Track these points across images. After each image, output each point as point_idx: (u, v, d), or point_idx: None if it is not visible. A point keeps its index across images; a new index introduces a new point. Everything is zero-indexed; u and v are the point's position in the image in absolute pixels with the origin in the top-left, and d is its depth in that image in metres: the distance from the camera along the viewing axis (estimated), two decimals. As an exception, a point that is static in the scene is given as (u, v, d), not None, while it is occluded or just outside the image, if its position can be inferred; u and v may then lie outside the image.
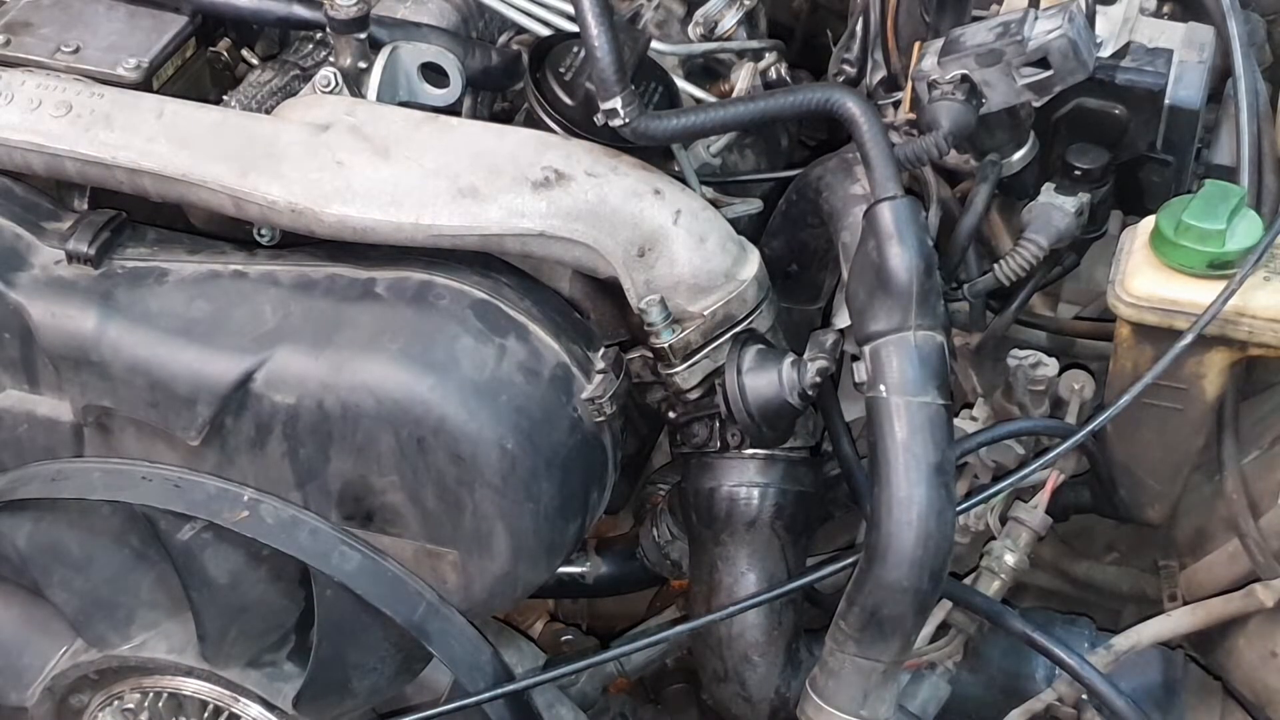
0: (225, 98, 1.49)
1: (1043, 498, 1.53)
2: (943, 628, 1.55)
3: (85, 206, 1.45)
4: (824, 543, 1.62)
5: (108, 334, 1.35)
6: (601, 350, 1.38)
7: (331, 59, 1.45)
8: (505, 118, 1.52)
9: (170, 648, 1.48)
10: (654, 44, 1.55)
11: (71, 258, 1.38)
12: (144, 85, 1.43)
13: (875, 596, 1.28)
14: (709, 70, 1.68)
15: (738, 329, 1.37)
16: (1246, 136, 1.47)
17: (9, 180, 1.43)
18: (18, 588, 1.53)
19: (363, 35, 1.42)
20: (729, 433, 1.44)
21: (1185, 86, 1.48)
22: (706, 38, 1.68)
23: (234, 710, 1.49)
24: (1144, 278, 1.36)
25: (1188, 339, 1.31)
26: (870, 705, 1.35)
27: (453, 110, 1.46)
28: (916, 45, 1.48)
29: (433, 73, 1.47)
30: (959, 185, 1.56)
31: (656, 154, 1.42)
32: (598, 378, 1.36)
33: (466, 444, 1.30)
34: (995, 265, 1.48)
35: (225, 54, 1.54)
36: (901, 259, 1.26)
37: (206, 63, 1.53)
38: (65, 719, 1.58)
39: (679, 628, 1.56)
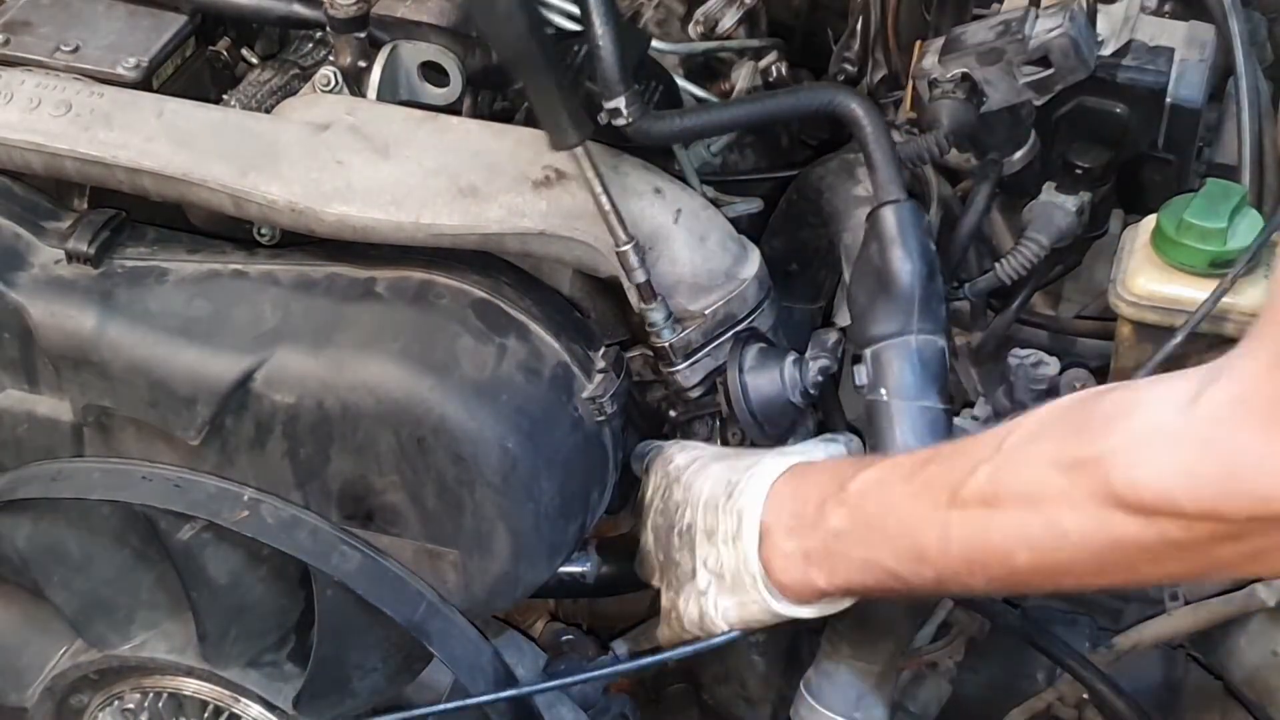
0: (225, 97, 1.49)
1: (1044, 497, 1.53)
2: (943, 627, 1.55)
3: (85, 206, 1.45)
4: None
5: (107, 334, 1.34)
6: (602, 349, 1.38)
7: (331, 58, 1.45)
8: (505, 117, 1.51)
9: (170, 648, 1.48)
10: (654, 43, 1.55)
11: (71, 257, 1.38)
12: (143, 84, 1.42)
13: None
14: (709, 69, 1.68)
15: (739, 328, 1.37)
16: (1248, 135, 1.47)
17: (8, 180, 1.42)
18: (18, 588, 1.53)
19: (362, 34, 1.42)
20: (730, 432, 1.44)
21: (1186, 85, 1.48)
22: (707, 36, 1.67)
23: (234, 710, 1.49)
24: (1145, 276, 1.36)
25: (1179, 337, 1.32)
26: (864, 707, 1.34)
27: (453, 109, 1.46)
28: (917, 44, 1.48)
29: (433, 71, 1.46)
30: (960, 184, 1.56)
31: (657, 152, 1.42)
32: (598, 377, 1.35)
33: (467, 443, 1.29)
34: (996, 264, 1.48)
35: (225, 53, 1.53)
36: (904, 264, 1.26)
37: (206, 62, 1.52)
38: (65, 719, 1.58)
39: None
